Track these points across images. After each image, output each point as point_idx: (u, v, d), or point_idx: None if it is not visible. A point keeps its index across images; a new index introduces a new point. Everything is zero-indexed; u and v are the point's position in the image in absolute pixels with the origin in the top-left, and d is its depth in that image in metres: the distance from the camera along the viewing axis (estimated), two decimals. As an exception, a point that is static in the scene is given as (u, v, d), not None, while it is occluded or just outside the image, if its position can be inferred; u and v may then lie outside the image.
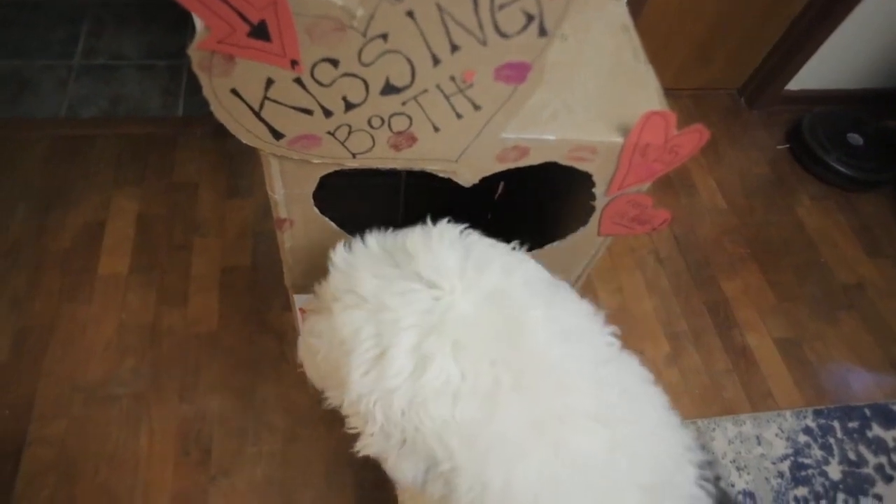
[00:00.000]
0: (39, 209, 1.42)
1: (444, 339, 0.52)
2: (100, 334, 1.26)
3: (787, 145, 1.85)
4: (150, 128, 1.63)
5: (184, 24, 1.86)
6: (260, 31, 0.51)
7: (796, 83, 1.84)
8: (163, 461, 1.13)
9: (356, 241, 0.61)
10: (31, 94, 1.67)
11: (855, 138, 1.78)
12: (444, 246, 0.58)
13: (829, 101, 1.89)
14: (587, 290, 1.46)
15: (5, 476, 1.08)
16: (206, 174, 1.54)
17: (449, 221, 0.63)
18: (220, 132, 1.65)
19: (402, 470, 0.58)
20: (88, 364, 1.22)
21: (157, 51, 1.82)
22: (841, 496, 1.25)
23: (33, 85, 1.69)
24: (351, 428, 0.60)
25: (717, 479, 0.65)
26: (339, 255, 0.60)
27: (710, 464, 0.64)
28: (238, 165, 1.56)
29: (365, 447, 0.58)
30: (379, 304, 0.54)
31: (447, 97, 0.59)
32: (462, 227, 0.62)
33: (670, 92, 0.67)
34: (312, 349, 0.62)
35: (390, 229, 0.64)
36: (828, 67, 1.79)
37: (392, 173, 1.10)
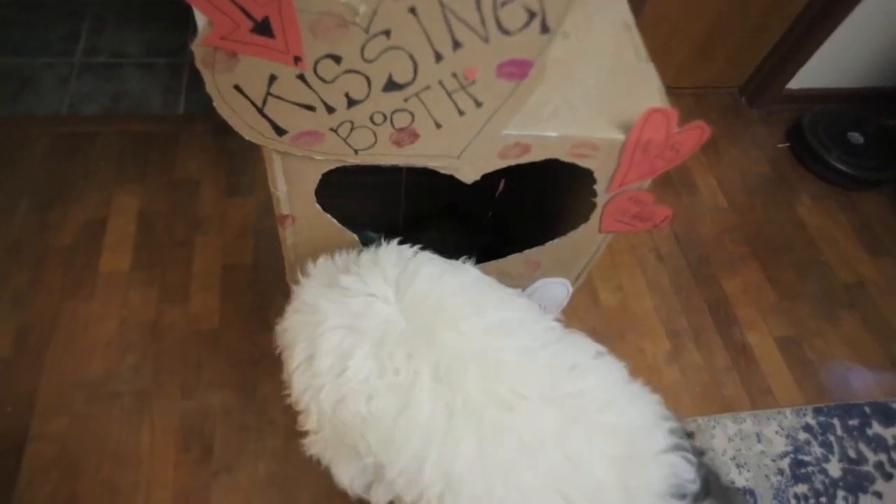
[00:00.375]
0: (41, 206, 1.43)
1: (365, 338, 0.57)
2: (101, 331, 1.26)
3: (788, 144, 1.85)
4: (152, 125, 1.63)
5: (184, 21, 1.86)
6: (263, 28, 0.51)
7: (797, 82, 1.84)
8: (165, 458, 1.13)
9: (322, 259, 0.68)
10: (33, 92, 1.67)
11: (856, 137, 1.78)
12: (390, 261, 0.64)
13: (830, 100, 1.89)
14: (587, 288, 1.46)
15: (8, 472, 1.08)
16: (208, 171, 1.54)
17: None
18: (221, 129, 1.66)
19: (338, 472, 0.64)
20: (90, 361, 1.22)
21: (158, 48, 1.82)
22: (841, 493, 1.25)
23: (35, 82, 1.69)
24: (301, 428, 0.64)
25: (690, 434, 0.65)
26: (308, 267, 0.68)
27: (689, 433, 0.64)
28: (239, 163, 1.57)
29: (309, 444, 0.64)
30: (315, 309, 0.60)
31: (449, 94, 0.59)
32: (416, 248, 0.68)
33: (671, 91, 0.67)
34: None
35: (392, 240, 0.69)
36: (828, 66, 1.79)
37: (393, 170, 1.10)
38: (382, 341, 0.57)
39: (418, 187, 1.14)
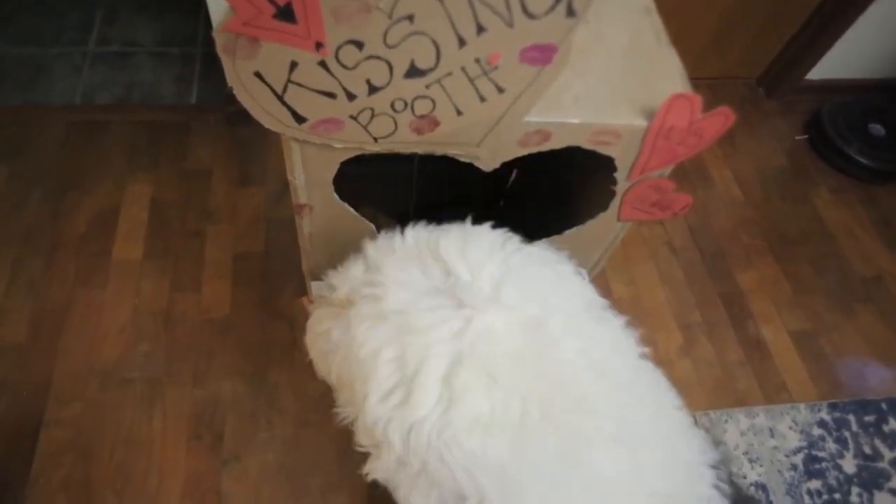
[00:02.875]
0: (55, 194, 1.43)
1: (478, 371, 0.48)
2: (114, 319, 1.27)
3: (807, 136, 1.82)
4: (164, 115, 1.63)
5: (196, 11, 1.86)
6: (286, 13, 0.51)
7: (817, 72, 1.80)
8: (176, 445, 1.14)
9: (388, 236, 0.56)
10: (46, 81, 1.67)
11: (877, 129, 1.74)
12: (482, 256, 0.52)
13: (851, 91, 1.85)
14: (600, 280, 1.45)
15: (24, 455, 1.09)
16: (220, 161, 1.54)
17: (476, 216, 0.59)
18: (233, 119, 1.66)
19: (413, 500, 0.54)
20: (103, 348, 1.23)
21: (171, 38, 1.82)
22: (855, 490, 1.24)
23: (48, 71, 1.69)
24: (360, 446, 0.55)
25: (731, 475, 0.64)
26: (371, 248, 0.56)
27: (723, 462, 0.62)
28: (251, 153, 1.56)
29: (374, 471, 0.55)
30: (404, 323, 0.49)
31: (471, 80, 0.58)
32: (503, 231, 0.57)
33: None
34: (324, 350, 0.59)
35: (422, 222, 0.59)
36: (850, 56, 1.75)
37: (406, 159, 1.09)
38: (495, 375, 0.48)
39: (430, 176, 1.13)
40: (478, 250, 0.53)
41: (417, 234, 0.56)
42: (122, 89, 1.68)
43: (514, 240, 0.57)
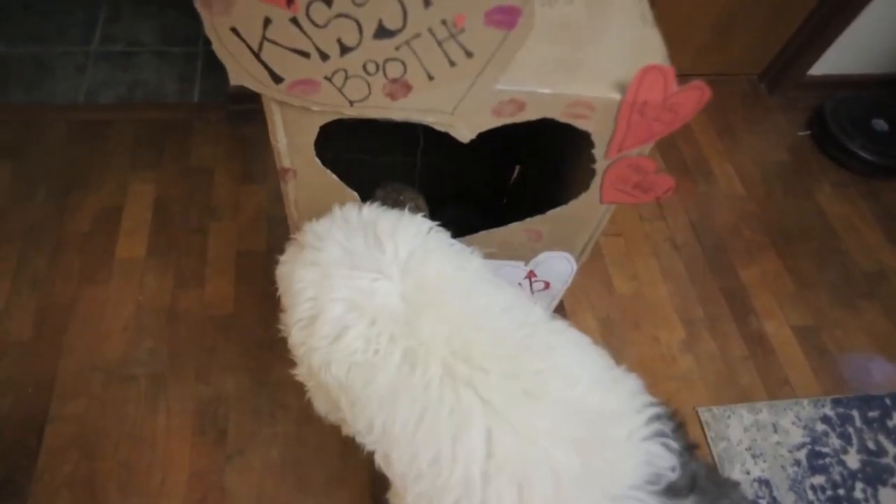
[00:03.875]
0: (59, 192, 1.44)
1: (364, 317, 0.61)
2: (118, 316, 1.28)
3: (809, 132, 1.81)
4: (167, 113, 1.64)
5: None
6: None
7: (819, 68, 1.80)
8: (180, 440, 1.14)
9: (352, 207, 0.69)
10: (50, 80, 1.69)
11: (880, 124, 1.73)
12: (407, 235, 0.65)
13: (853, 87, 1.84)
14: (602, 275, 1.45)
15: (30, 450, 1.10)
16: (222, 159, 1.55)
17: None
18: (235, 118, 1.67)
19: (317, 404, 0.74)
20: (107, 344, 1.24)
21: (173, 37, 1.83)
22: (859, 485, 1.23)
23: (52, 70, 1.71)
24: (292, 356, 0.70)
25: (681, 425, 0.63)
26: (337, 211, 0.69)
27: (681, 424, 0.62)
28: (253, 151, 1.57)
29: (299, 375, 0.72)
30: (327, 273, 0.63)
31: (439, 43, 0.59)
32: (433, 225, 0.69)
33: (687, 77, 0.66)
34: (280, 275, 0.72)
35: (376, 203, 0.71)
36: (852, 51, 1.74)
37: (409, 152, 1.10)
38: (375, 321, 0.61)
39: (433, 170, 1.14)
40: (405, 232, 0.65)
41: (370, 212, 0.68)
42: (125, 88, 1.69)
43: (438, 230, 0.69)
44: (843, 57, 1.76)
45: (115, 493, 1.08)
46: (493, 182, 1.28)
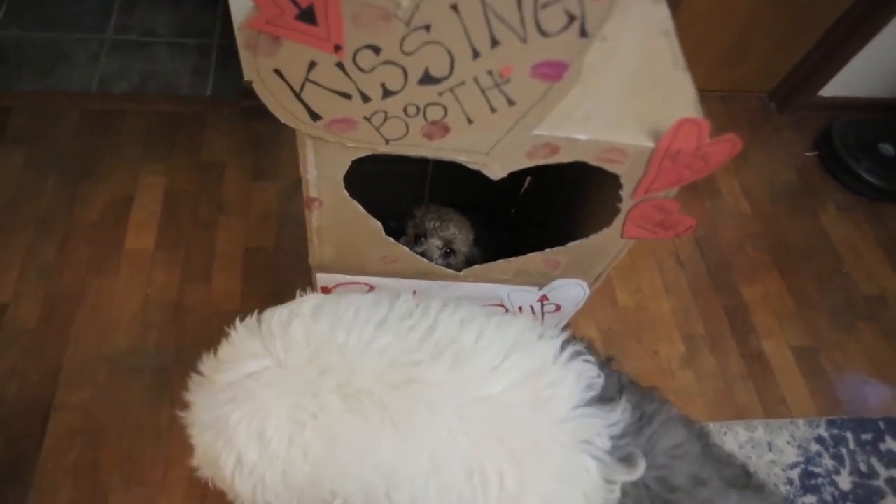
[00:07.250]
0: (70, 181, 1.45)
1: (270, 409, 0.58)
2: (125, 307, 1.29)
3: (816, 152, 1.82)
4: (180, 106, 1.65)
5: (214, 3, 1.87)
6: (308, 15, 0.52)
7: (830, 89, 1.80)
8: (183, 434, 1.15)
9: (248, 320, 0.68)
10: (65, 67, 1.69)
11: (887, 148, 1.74)
12: (295, 325, 0.63)
13: (863, 109, 1.85)
14: (605, 288, 1.46)
15: (34, 437, 1.12)
16: (233, 154, 1.56)
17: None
18: (248, 113, 1.67)
19: None
20: (114, 336, 1.25)
21: (189, 29, 1.83)
22: (850, 507, 1.25)
23: (66, 58, 1.71)
24: None
25: (590, 344, 0.66)
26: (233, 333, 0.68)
27: (590, 345, 0.66)
28: (265, 147, 1.58)
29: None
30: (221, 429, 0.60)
31: (483, 91, 0.60)
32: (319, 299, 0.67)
33: (699, 93, 0.67)
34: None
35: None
36: (864, 75, 1.75)
37: (420, 161, 1.10)
38: (281, 400, 0.58)
39: (443, 179, 1.15)
40: (294, 320, 0.63)
41: (267, 315, 0.66)
42: (139, 78, 1.70)
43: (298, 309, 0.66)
44: (853, 80, 1.76)
45: (118, 484, 1.09)
46: (503, 192, 1.29)
